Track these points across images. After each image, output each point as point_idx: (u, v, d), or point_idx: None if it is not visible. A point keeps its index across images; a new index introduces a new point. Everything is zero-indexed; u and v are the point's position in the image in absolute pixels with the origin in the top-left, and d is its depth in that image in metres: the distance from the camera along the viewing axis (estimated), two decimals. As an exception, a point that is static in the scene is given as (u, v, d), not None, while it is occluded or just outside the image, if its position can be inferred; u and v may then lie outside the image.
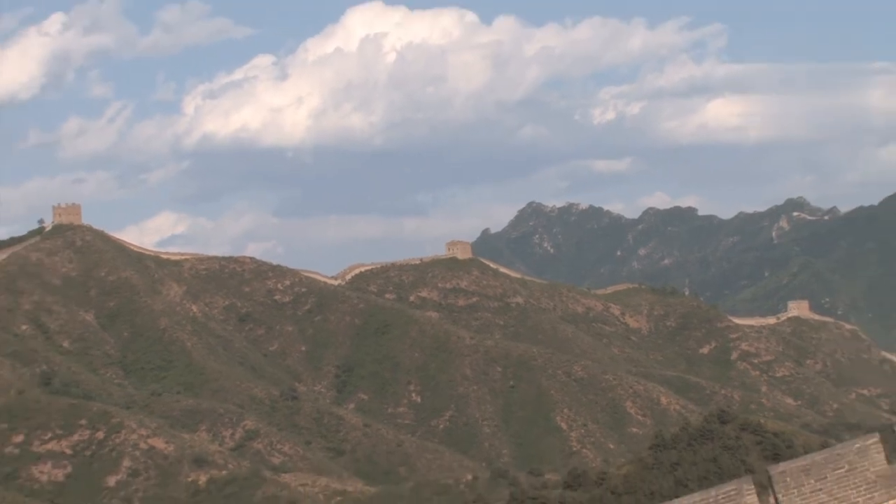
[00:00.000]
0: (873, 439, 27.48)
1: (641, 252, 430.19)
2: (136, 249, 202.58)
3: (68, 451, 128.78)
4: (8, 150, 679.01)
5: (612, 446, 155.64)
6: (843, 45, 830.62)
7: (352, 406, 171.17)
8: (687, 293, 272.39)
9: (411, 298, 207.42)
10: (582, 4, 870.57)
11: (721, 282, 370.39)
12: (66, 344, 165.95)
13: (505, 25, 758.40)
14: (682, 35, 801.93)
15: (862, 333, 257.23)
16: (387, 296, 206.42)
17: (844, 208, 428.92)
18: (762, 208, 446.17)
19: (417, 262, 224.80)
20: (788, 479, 27.51)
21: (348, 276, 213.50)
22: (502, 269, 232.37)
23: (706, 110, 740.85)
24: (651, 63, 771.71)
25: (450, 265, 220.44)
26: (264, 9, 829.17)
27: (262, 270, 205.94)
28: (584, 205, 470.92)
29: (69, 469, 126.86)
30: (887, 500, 25.97)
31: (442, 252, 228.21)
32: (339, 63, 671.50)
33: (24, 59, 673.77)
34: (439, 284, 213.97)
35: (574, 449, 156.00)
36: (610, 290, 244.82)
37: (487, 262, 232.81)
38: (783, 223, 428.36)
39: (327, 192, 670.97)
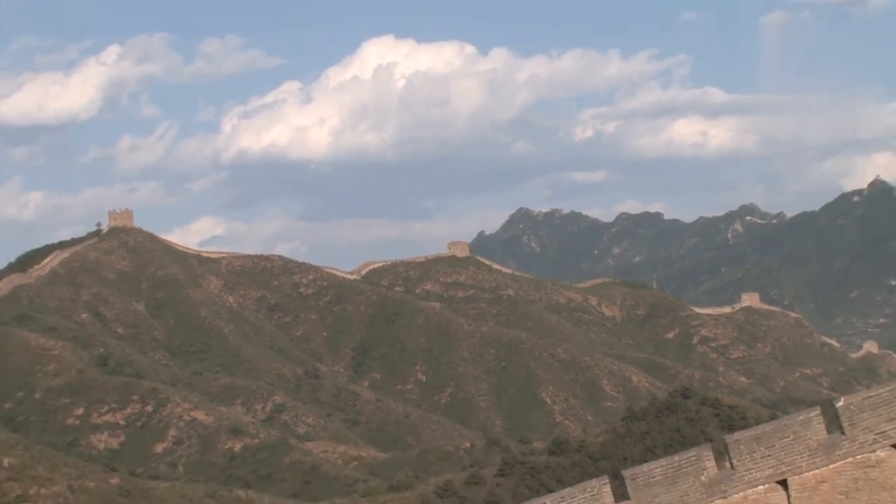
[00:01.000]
0: (815, 412, 28.34)
1: (615, 251, 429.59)
2: (180, 249, 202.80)
3: (122, 423, 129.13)
4: (70, 163, 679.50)
5: (590, 418, 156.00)
6: (786, 77, 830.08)
7: (366, 383, 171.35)
8: (654, 286, 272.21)
9: (417, 291, 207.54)
10: (565, 38, 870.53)
11: (684, 276, 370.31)
12: (120, 330, 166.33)
13: (499, 56, 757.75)
14: (651, 64, 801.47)
15: (805, 321, 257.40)
16: (396, 288, 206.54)
17: (790, 213, 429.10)
18: (719, 213, 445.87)
19: (422, 259, 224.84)
20: (742, 446, 28.38)
21: (363, 272, 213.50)
22: (495, 266, 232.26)
23: (672, 129, 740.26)
24: (624, 88, 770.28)
25: (450, 262, 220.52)
26: (291, 42, 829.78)
27: (288, 267, 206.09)
28: (566, 210, 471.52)
29: (122, 438, 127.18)
30: (827, 465, 26.81)
31: (443, 251, 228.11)
32: (355, 88, 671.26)
33: (84, 86, 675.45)
34: (441, 279, 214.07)
35: (557, 420, 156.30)
36: (588, 283, 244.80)
37: (483, 260, 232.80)
38: (737, 226, 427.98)
39: (345, 200, 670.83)
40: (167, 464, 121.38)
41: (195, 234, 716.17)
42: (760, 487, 30.12)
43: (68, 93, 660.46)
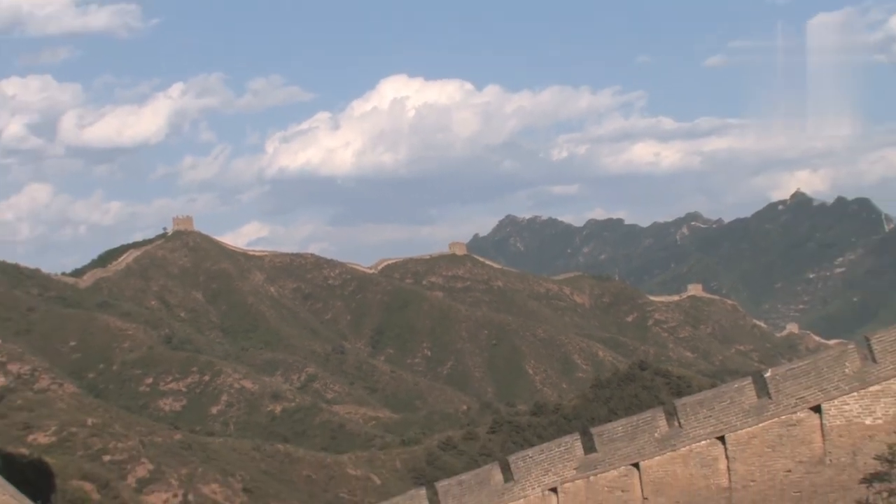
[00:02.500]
0: (747, 381, 28.33)
1: (585, 250, 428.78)
2: (231, 248, 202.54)
3: (184, 389, 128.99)
4: (142, 178, 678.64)
5: (564, 386, 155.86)
6: (724, 108, 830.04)
7: (382, 358, 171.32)
8: (617, 279, 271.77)
9: (423, 283, 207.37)
10: (545, 77, 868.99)
11: (641, 271, 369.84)
12: (182, 314, 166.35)
13: (492, 91, 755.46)
14: (614, 98, 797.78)
15: (739, 307, 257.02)
16: (406, 281, 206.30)
17: (727, 219, 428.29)
18: (670, 219, 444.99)
19: (428, 257, 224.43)
20: (688, 409, 28.38)
21: (379, 267, 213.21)
22: (488, 262, 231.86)
23: (631, 151, 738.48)
24: (593, 118, 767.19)
25: (451, 259, 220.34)
26: (323, 80, 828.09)
27: (319, 263, 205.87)
28: (545, 217, 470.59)
29: (184, 402, 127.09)
30: (757, 423, 26.78)
31: (445, 250, 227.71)
32: (375, 118, 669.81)
33: (154, 115, 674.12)
34: (443, 273, 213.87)
35: (538, 388, 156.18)
36: (562, 277, 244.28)
37: (477, 257, 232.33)
38: (684, 230, 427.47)
39: (365, 208, 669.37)
40: (220, 423, 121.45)
41: (243, 236, 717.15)
42: (703, 442, 30.16)
43: (141, 121, 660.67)
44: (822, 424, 26.61)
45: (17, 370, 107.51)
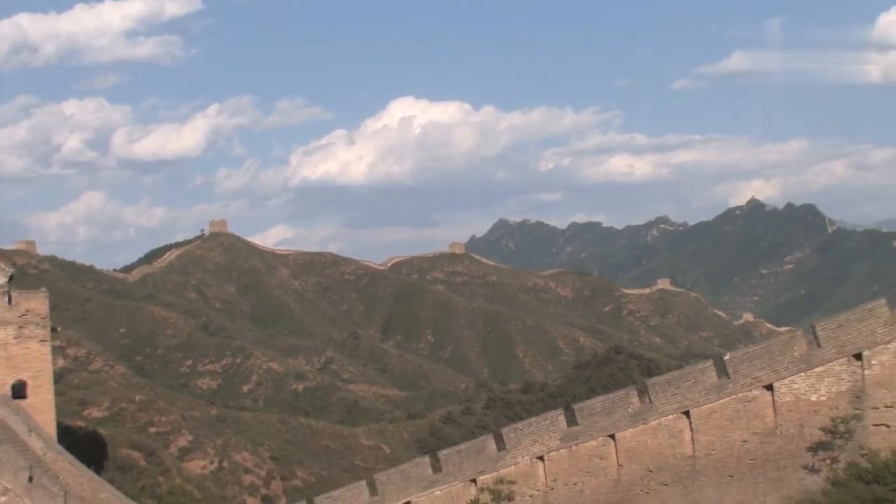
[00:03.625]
0: (709, 363, 28.36)
1: (568, 249, 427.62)
2: (260, 247, 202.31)
3: (219, 370, 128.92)
4: (183, 187, 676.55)
5: (550, 367, 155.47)
6: (690, 126, 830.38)
7: (391, 343, 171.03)
8: (595, 275, 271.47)
9: (427, 278, 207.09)
10: (534, 99, 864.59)
11: (616, 267, 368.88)
12: (217, 305, 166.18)
13: (487, 111, 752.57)
14: (594, 117, 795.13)
15: (701, 298, 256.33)
16: (412, 276, 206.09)
17: (691, 223, 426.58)
18: (642, 222, 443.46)
19: (431, 255, 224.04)
20: (657, 387, 28.42)
21: (389, 264, 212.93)
22: (483, 260, 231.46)
23: (609, 163, 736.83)
24: (576, 134, 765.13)
25: (451, 257, 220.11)
26: (340, 101, 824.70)
27: (337, 260, 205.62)
28: (533, 220, 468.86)
29: (219, 381, 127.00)
30: (718, 400, 26.82)
31: (446, 249, 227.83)
32: (385, 134, 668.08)
33: (193, 132, 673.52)
34: (444, 269, 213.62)
35: (527, 369, 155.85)
36: (548, 272, 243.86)
37: (474, 256, 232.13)
38: (654, 232, 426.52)
39: (376, 213, 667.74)
40: (250, 399, 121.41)
41: (271, 237, 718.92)
42: (670, 416, 30.19)
43: (182, 137, 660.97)
44: (773, 401, 26.66)
45: (75, 353, 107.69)
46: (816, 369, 26.14)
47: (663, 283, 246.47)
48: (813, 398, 26.19)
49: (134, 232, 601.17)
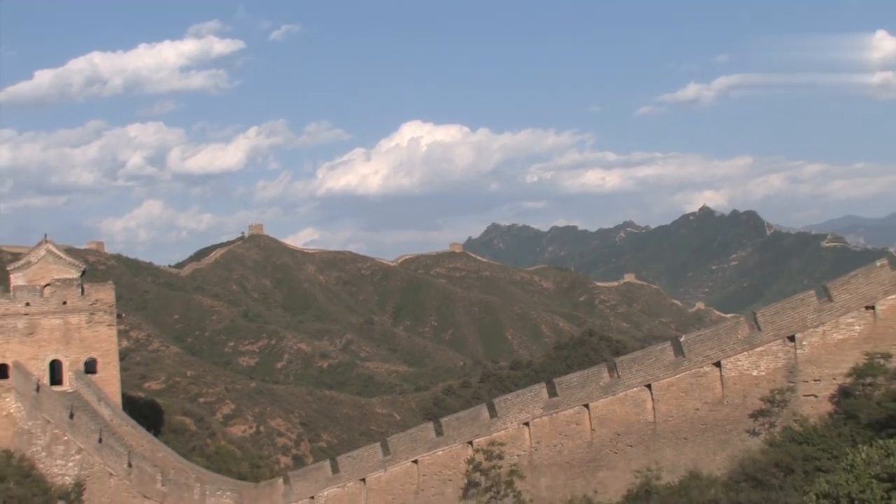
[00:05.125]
0: (667, 344, 28.34)
1: (549, 249, 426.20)
2: (291, 247, 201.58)
3: (256, 350, 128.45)
4: (227, 196, 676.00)
5: (534, 348, 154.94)
6: (652, 145, 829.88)
7: (401, 327, 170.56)
8: (572, 270, 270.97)
9: (431, 272, 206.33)
10: (522, 122, 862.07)
11: (590, 264, 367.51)
12: (255, 295, 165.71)
13: (483, 133, 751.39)
14: (572, 138, 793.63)
15: (661, 290, 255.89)
16: (419, 271, 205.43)
17: (653, 226, 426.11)
18: (612, 226, 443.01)
19: (435, 254, 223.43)
20: (624, 364, 28.41)
21: (399, 261, 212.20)
22: (478, 258, 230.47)
23: (584, 176, 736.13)
24: (557, 152, 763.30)
25: (451, 255, 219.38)
26: (359, 124, 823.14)
27: (356, 258, 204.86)
28: (520, 224, 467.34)
29: (257, 359, 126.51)
30: (675, 375, 26.81)
31: (447, 248, 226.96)
32: (397, 152, 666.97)
33: (236, 151, 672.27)
34: (446, 265, 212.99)
35: (515, 350, 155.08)
36: (533, 268, 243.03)
37: (470, 254, 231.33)
38: (622, 234, 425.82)
39: (388, 218, 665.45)
40: (283, 375, 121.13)
41: (300, 238, 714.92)
42: (635, 388, 30.08)
43: (226, 155, 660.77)
44: (721, 376, 26.71)
45: (136, 336, 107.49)
46: (757, 349, 26.20)
47: (629, 278, 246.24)
48: (754, 373, 26.24)
49: (186, 234, 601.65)
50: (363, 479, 31.73)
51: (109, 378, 43.22)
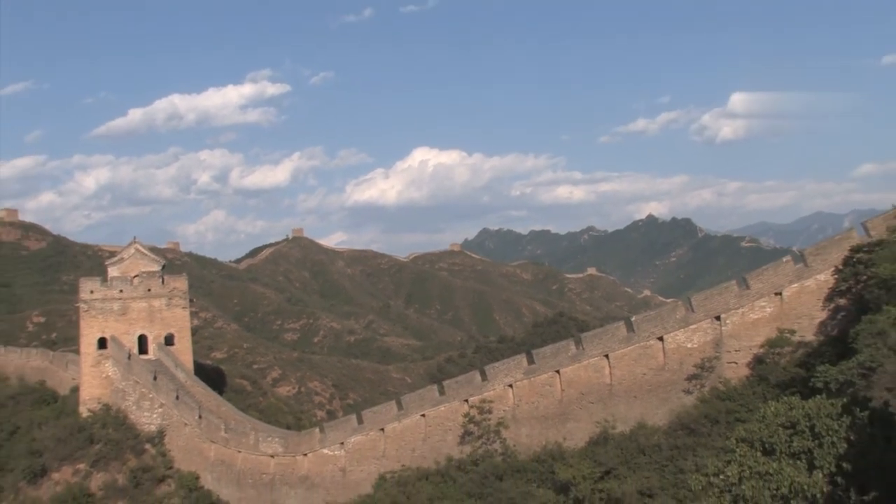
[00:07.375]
0: (621, 323, 28.37)
1: (529, 248, 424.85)
2: (325, 246, 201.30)
3: (298, 328, 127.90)
4: (275, 207, 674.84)
5: (517, 326, 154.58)
6: (611, 166, 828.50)
7: (412, 310, 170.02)
8: (547, 265, 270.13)
9: (436, 267, 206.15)
10: (508, 148, 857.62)
11: (561, 261, 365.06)
12: (297, 285, 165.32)
13: (476, 157, 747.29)
14: (547, 161, 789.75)
15: (616, 280, 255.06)
16: (426, 266, 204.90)
17: (610, 231, 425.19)
18: (578, 230, 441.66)
19: (438, 252, 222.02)
20: (588, 339, 28.47)
21: (410, 258, 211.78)
22: (472, 255, 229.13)
23: (557, 191, 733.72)
24: (535, 171, 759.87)
25: (451, 254, 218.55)
26: (380, 149, 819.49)
27: (376, 256, 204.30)
28: (506, 229, 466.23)
29: (298, 335, 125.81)
30: (627, 348, 26.79)
31: (448, 248, 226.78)
32: (410, 172, 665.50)
33: (282, 171, 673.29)
34: (447, 261, 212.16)
35: (502, 328, 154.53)
36: (516, 263, 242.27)
37: (466, 252, 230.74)
38: (586, 237, 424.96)
39: (403, 224, 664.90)
40: (319, 347, 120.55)
41: (333, 239, 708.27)
42: (596, 358, 30.05)
43: (275, 174, 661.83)
44: (663, 347, 26.81)
45: (204, 316, 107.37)
46: (691, 326, 26.33)
47: (591, 271, 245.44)
48: (689, 346, 26.36)
49: (243, 236, 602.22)
50: (382, 429, 31.93)
51: (184, 349, 43.49)
